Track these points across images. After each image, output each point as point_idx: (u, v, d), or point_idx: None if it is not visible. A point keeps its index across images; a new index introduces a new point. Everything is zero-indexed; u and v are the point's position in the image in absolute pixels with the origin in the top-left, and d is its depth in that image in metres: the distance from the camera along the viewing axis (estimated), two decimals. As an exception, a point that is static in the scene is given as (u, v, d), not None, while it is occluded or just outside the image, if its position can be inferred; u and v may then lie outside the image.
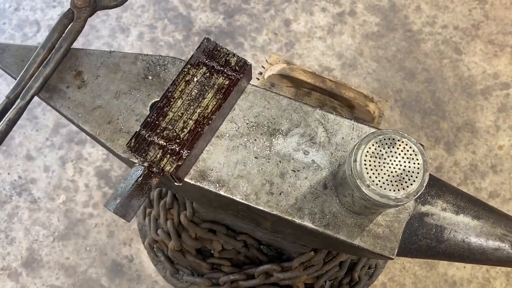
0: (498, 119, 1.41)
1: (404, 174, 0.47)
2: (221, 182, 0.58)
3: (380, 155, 0.47)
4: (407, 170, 0.47)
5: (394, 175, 0.47)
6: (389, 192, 0.46)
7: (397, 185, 0.47)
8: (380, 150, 0.48)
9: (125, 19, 1.52)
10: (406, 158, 0.47)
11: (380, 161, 0.47)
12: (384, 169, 0.47)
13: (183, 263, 0.85)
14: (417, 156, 0.47)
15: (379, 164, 0.47)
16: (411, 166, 0.47)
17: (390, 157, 0.47)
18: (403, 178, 0.47)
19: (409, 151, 0.47)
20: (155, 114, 0.55)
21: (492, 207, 0.58)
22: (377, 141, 0.48)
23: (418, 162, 0.47)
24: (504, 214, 0.57)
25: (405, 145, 0.48)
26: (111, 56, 0.63)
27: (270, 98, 0.61)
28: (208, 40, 0.58)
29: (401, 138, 0.48)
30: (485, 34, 1.50)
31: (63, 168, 1.37)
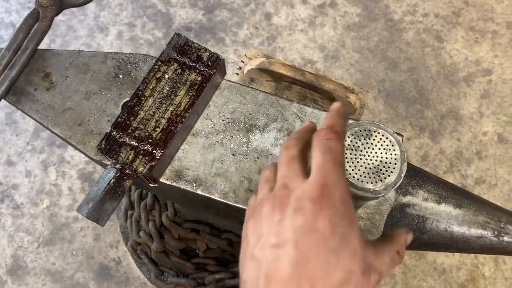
0: (481, 105, 1.41)
1: (381, 165, 0.46)
2: (198, 181, 0.56)
3: (356, 147, 0.46)
4: (384, 161, 0.46)
5: (371, 167, 0.46)
6: (367, 185, 0.45)
7: (375, 177, 0.46)
8: (356, 142, 0.47)
9: (103, 18, 1.49)
10: (383, 149, 0.46)
11: (357, 153, 0.46)
12: (361, 161, 0.46)
13: (168, 264, 0.84)
14: (394, 147, 0.46)
15: (356, 157, 0.46)
16: (388, 157, 0.46)
17: (366, 149, 0.46)
18: (381, 170, 0.46)
19: (386, 142, 0.46)
20: (125, 114, 0.53)
21: (474, 195, 0.57)
22: (352, 133, 0.47)
23: (395, 152, 0.46)
24: (486, 202, 0.56)
25: (381, 136, 0.47)
26: (80, 56, 0.61)
27: (245, 93, 0.60)
28: (179, 36, 0.57)
29: (377, 129, 0.47)
30: (465, 21, 1.49)
31: (46, 172, 1.35)
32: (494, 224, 0.54)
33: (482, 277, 1.27)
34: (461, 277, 1.27)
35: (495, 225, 0.54)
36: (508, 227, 0.54)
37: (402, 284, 1.27)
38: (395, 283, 1.27)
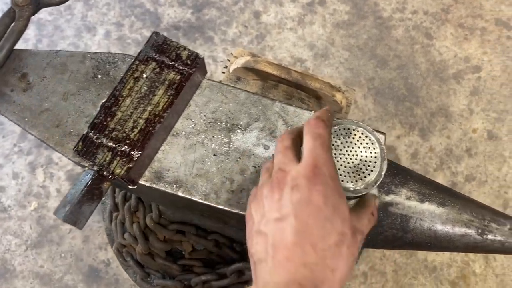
0: (471, 102, 1.41)
1: (361, 164, 0.45)
2: (179, 183, 0.55)
3: (336, 146, 0.46)
4: (364, 160, 0.45)
5: (351, 166, 0.45)
6: (347, 184, 0.45)
7: (355, 176, 0.45)
8: (335, 141, 0.46)
9: (91, 18, 1.47)
10: (363, 147, 0.46)
11: (336, 153, 0.46)
12: (340, 160, 0.45)
13: (153, 267, 0.83)
14: (373, 145, 0.46)
15: (335, 156, 0.46)
16: (368, 156, 0.46)
17: (346, 147, 0.46)
18: (361, 169, 0.45)
19: (365, 140, 0.46)
20: (102, 114, 0.52)
21: (458, 193, 0.57)
22: (332, 132, 0.46)
23: (375, 151, 0.46)
24: (470, 200, 0.56)
25: (361, 134, 0.46)
26: (57, 56, 0.60)
27: (227, 92, 0.59)
28: (157, 34, 0.56)
29: (356, 127, 0.46)
30: (454, 18, 1.49)
31: (33, 174, 1.33)
32: (478, 222, 0.54)
33: (472, 274, 1.27)
34: (452, 275, 1.27)
35: (479, 223, 0.54)
36: (492, 225, 0.54)
37: (393, 282, 1.27)
38: (386, 281, 1.27)
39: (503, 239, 0.54)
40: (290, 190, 0.44)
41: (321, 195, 0.43)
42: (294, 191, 0.44)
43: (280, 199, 0.45)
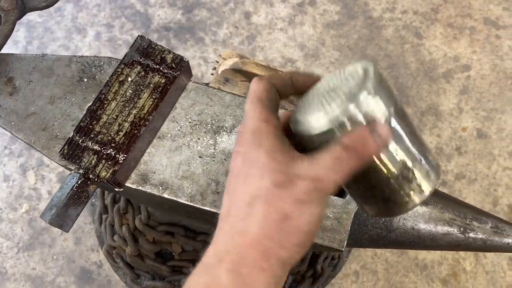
0: (460, 101, 1.42)
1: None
2: (165, 185, 0.56)
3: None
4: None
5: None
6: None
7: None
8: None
9: (81, 19, 1.47)
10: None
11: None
12: None
13: (143, 268, 0.83)
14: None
15: None
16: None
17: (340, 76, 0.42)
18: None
19: None
20: (88, 118, 0.53)
21: (440, 192, 0.57)
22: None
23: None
24: (452, 199, 0.57)
25: None
26: (44, 60, 0.60)
27: (212, 95, 0.60)
28: (142, 38, 0.56)
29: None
30: (444, 17, 1.50)
31: (24, 176, 1.33)
32: (460, 221, 0.55)
33: (463, 271, 1.28)
34: (442, 272, 1.28)
35: (461, 222, 0.55)
36: (474, 224, 0.55)
37: (385, 280, 1.28)
38: (378, 279, 1.28)
39: (485, 237, 0.54)
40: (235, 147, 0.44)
41: (237, 150, 0.42)
42: (236, 143, 0.44)
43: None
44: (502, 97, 1.43)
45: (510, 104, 1.42)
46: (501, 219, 0.55)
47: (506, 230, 0.55)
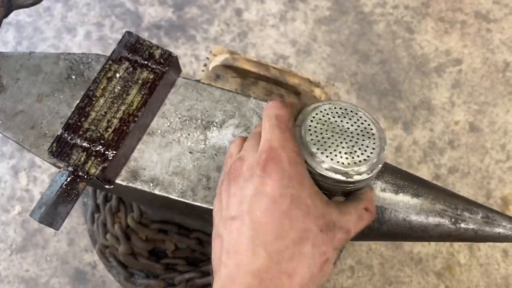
0: (452, 95, 1.43)
1: (356, 147, 0.43)
2: (155, 181, 0.55)
3: (329, 123, 0.43)
4: (361, 144, 0.43)
5: (345, 148, 0.43)
6: (337, 164, 0.42)
7: (347, 158, 0.42)
8: (329, 118, 0.44)
9: (71, 19, 1.46)
10: (362, 135, 0.44)
11: (335, 131, 0.43)
12: (338, 140, 0.43)
13: (137, 266, 0.83)
14: (373, 131, 0.44)
15: (332, 134, 0.43)
16: (366, 142, 0.44)
17: (340, 127, 0.44)
18: (355, 152, 0.43)
19: (364, 123, 0.45)
20: (76, 115, 0.52)
21: (432, 184, 0.58)
22: (326, 109, 0.44)
23: (374, 138, 0.44)
24: (443, 190, 0.57)
25: (359, 117, 0.45)
26: (31, 58, 0.60)
27: (202, 90, 0.59)
28: (130, 34, 0.56)
29: (356, 110, 0.45)
30: (435, 12, 1.51)
31: (16, 177, 1.32)
32: (451, 211, 0.55)
33: (457, 264, 1.29)
34: (437, 266, 1.29)
35: (452, 213, 0.55)
36: (465, 214, 0.55)
37: (380, 275, 1.28)
38: (373, 274, 1.28)
39: (476, 227, 0.55)
40: (244, 182, 0.39)
41: (277, 184, 0.37)
42: (248, 183, 0.38)
43: (235, 194, 0.39)
44: (493, 90, 1.44)
45: (501, 97, 1.43)
46: (491, 209, 0.55)
47: (497, 220, 0.55)
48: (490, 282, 1.28)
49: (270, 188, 0.37)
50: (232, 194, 0.39)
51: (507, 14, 1.51)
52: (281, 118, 0.40)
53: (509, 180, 1.35)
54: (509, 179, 1.35)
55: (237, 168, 0.40)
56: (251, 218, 0.37)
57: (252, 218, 0.37)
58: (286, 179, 0.37)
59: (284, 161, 0.38)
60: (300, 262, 0.36)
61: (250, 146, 0.42)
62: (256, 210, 0.37)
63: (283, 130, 0.39)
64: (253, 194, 0.37)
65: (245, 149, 0.42)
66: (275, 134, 0.39)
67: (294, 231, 0.37)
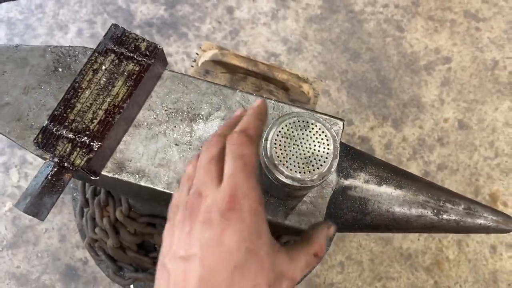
0: (442, 93, 1.44)
1: (312, 157, 0.46)
2: (141, 173, 0.56)
3: (291, 136, 0.47)
4: (316, 154, 0.47)
5: (302, 157, 0.46)
6: (295, 174, 0.46)
7: (304, 168, 0.46)
8: (292, 131, 0.47)
9: (63, 16, 1.46)
10: (317, 142, 0.47)
11: (291, 142, 0.47)
12: (293, 150, 0.47)
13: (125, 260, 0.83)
14: (328, 142, 0.47)
15: (289, 145, 0.47)
16: (321, 151, 0.47)
17: (301, 139, 0.47)
18: (311, 162, 0.46)
19: (321, 135, 0.47)
20: (62, 106, 0.53)
21: (414, 176, 0.58)
22: (290, 123, 0.47)
23: (329, 147, 0.47)
24: (426, 182, 0.58)
25: (318, 129, 0.47)
26: (17, 50, 0.60)
27: (188, 83, 0.60)
28: (116, 26, 0.56)
29: (315, 122, 0.47)
30: (424, 10, 1.52)
31: (7, 174, 1.32)
32: (434, 203, 0.56)
33: (446, 260, 1.30)
34: (426, 261, 1.30)
35: (435, 204, 0.56)
36: (447, 205, 0.55)
37: (369, 271, 1.29)
38: (363, 270, 1.29)
39: (458, 218, 0.55)
40: (201, 225, 0.37)
41: (235, 235, 0.36)
42: (205, 227, 0.37)
43: (189, 233, 0.37)
44: (482, 88, 1.45)
45: (490, 95, 1.45)
46: (473, 201, 0.56)
47: (478, 211, 0.56)
48: (478, 278, 1.29)
49: (227, 238, 0.36)
50: (185, 232, 0.38)
51: (496, 13, 1.53)
52: (248, 159, 0.39)
53: (497, 177, 1.37)
54: (497, 176, 1.37)
55: (195, 206, 0.38)
56: (202, 264, 0.36)
57: (203, 265, 0.36)
58: (245, 232, 0.37)
59: (246, 211, 0.37)
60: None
61: (210, 179, 0.39)
62: (209, 258, 0.36)
63: (248, 176, 0.38)
64: (209, 240, 0.36)
65: (203, 182, 0.40)
66: (240, 179, 0.38)
67: (243, 286, 0.36)
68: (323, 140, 0.47)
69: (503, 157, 1.39)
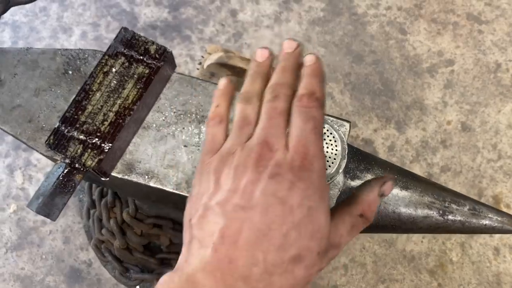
0: (445, 95, 1.45)
1: None
2: (150, 174, 0.56)
3: None
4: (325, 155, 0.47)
5: None
6: None
7: None
8: None
9: (67, 19, 1.47)
10: (325, 143, 0.48)
11: None
12: None
13: (132, 261, 0.83)
14: (336, 143, 0.48)
15: None
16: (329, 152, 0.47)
17: None
18: None
19: (329, 136, 0.48)
20: (73, 108, 0.53)
21: (420, 177, 0.59)
22: None
23: (337, 148, 0.48)
24: (431, 183, 0.58)
25: (326, 130, 0.48)
26: (28, 53, 0.61)
27: (196, 85, 0.61)
28: (126, 30, 0.57)
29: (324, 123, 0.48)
30: (427, 13, 1.53)
31: (11, 176, 1.33)
32: (439, 204, 0.56)
33: (450, 262, 1.30)
34: (430, 263, 1.30)
35: (440, 205, 0.56)
36: (452, 206, 0.56)
37: (373, 273, 1.30)
38: (366, 272, 1.30)
39: (463, 219, 0.56)
40: (268, 177, 0.35)
41: (300, 194, 0.35)
42: (272, 181, 0.35)
43: (252, 183, 0.36)
44: (485, 90, 1.46)
45: (493, 98, 1.45)
46: (478, 202, 0.57)
47: (483, 212, 0.56)
48: (482, 280, 1.29)
49: (293, 196, 0.35)
50: (247, 180, 0.36)
51: (498, 15, 1.53)
52: (318, 123, 0.38)
53: (500, 179, 1.37)
54: (500, 178, 1.37)
55: (263, 156, 0.37)
56: (264, 218, 0.35)
57: (264, 219, 0.35)
58: (311, 191, 0.36)
59: (315, 172, 0.36)
60: (287, 280, 0.35)
61: (280, 133, 0.38)
62: (271, 212, 0.35)
63: (318, 138, 0.37)
64: (274, 194, 0.35)
65: (272, 134, 0.38)
66: (312, 140, 0.37)
67: (296, 247, 0.35)
68: (331, 142, 0.48)
69: (506, 159, 1.39)
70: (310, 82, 0.39)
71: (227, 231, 0.35)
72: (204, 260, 0.35)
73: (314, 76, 0.40)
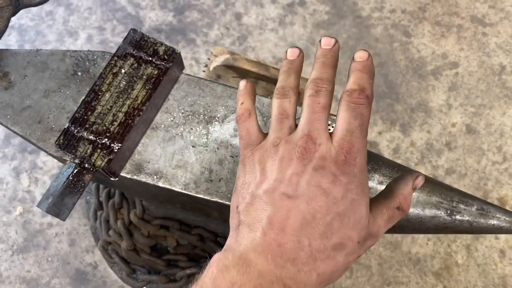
0: (449, 97, 1.45)
1: None
2: (159, 174, 0.57)
3: None
4: None
5: None
6: None
7: None
8: None
9: (73, 23, 1.48)
10: None
11: None
12: None
13: (139, 262, 0.84)
14: None
15: None
16: None
17: None
18: None
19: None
20: (83, 109, 0.54)
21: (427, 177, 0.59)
22: None
23: None
24: (438, 183, 0.58)
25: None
26: (38, 55, 0.61)
27: (204, 86, 0.61)
28: (135, 31, 0.57)
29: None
30: (431, 16, 1.53)
31: (18, 179, 1.33)
32: (447, 203, 0.56)
33: (455, 264, 1.30)
34: (435, 266, 1.30)
35: (448, 205, 0.56)
36: (460, 206, 0.56)
37: (378, 275, 1.29)
38: (372, 274, 1.29)
39: (471, 219, 0.56)
40: (312, 170, 0.38)
41: (344, 187, 0.38)
42: (317, 173, 0.38)
43: (298, 174, 0.38)
44: (489, 93, 1.46)
45: (497, 100, 1.45)
46: (486, 201, 0.57)
47: (491, 212, 0.56)
48: (487, 282, 1.29)
49: (336, 188, 0.38)
50: (293, 171, 0.38)
51: (502, 18, 1.54)
52: (364, 120, 0.40)
53: (505, 182, 1.37)
54: (505, 180, 1.37)
55: (308, 149, 0.39)
56: (309, 207, 0.37)
57: (308, 208, 0.37)
58: (353, 184, 0.38)
59: (358, 167, 0.39)
60: (329, 266, 0.38)
61: (322, 127, 0.40)
62: (315, 202, 0.37)
63: (363, 135, 0.40)
64: (318, 186, 0.38)
65: (316, 128, 0.40)
66: (357, 137, 0.39)
67: (338, 236, 0.38)
68: None
69: (511, 162, 1.39)
70: (361, 77, 0.42)
71: (275, 218, 0.38)
72: (254, 242, 0.38)
73: (365, 73, 0.42)
